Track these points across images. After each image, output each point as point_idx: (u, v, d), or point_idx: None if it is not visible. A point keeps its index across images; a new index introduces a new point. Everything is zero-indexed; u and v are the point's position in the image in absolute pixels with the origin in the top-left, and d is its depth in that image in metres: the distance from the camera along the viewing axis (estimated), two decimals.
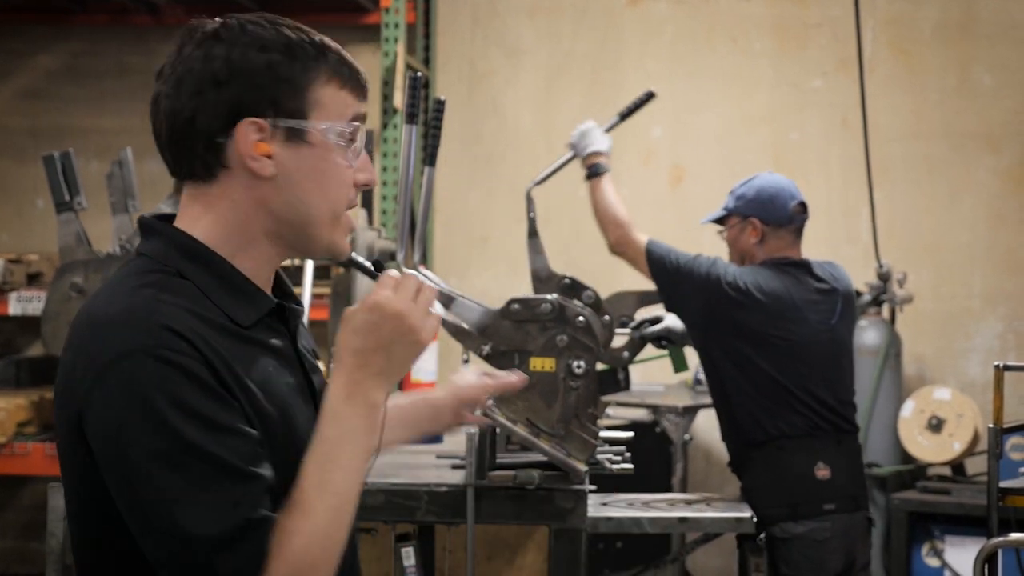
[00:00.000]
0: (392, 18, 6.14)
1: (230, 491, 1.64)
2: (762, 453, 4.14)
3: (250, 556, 1.63)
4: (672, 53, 6.86)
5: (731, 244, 4.36)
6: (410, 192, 3.71)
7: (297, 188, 1.79)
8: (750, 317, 4.11)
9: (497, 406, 3.36)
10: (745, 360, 4.12)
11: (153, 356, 1.65)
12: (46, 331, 4.46)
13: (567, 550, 3.38)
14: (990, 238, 6.57)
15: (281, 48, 1.78)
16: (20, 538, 6.84)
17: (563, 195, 6.86)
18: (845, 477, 4.14)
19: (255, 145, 1.76)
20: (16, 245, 6.81)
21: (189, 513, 1.62)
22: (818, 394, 4.15)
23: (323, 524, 1.69)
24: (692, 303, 4.17)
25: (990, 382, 4.08)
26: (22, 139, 7.05)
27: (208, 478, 1.63)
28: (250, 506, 1.64)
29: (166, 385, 1.64)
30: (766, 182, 4.35)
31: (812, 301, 4.21)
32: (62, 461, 1.78)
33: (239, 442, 1.67)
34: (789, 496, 4.08)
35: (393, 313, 1.74)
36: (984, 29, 6.60)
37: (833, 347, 4.26)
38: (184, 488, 1.62)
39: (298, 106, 1.78)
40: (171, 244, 1.79)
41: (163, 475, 1.62)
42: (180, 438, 1.63)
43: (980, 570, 3.65)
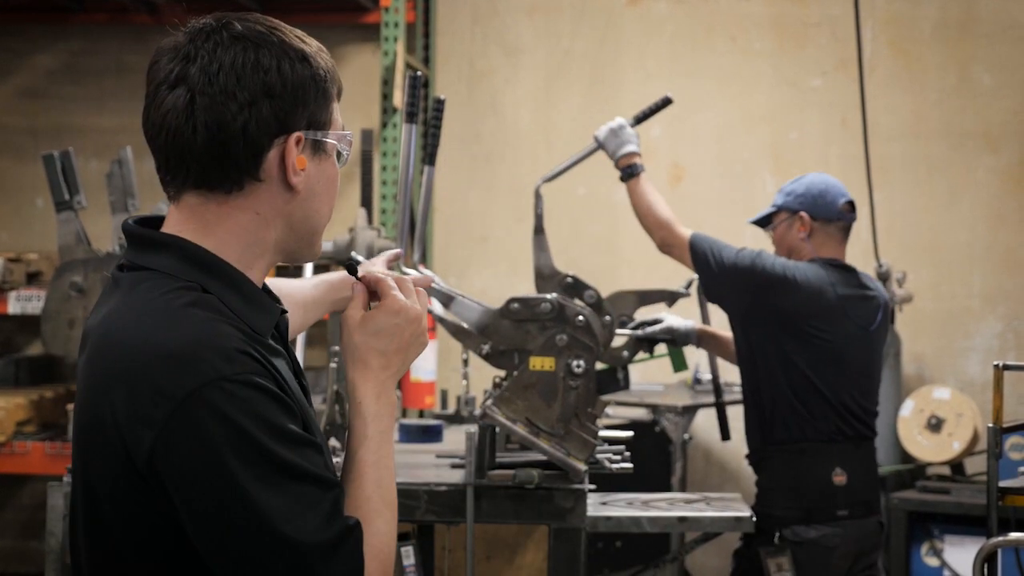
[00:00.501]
0: (392, 17, 6.14)
1: (326, 501, 1.69)
2: (783, 452, 4.13)
3: (351, 559, 1.70)
4: (671, 52, 6.86)
5: (778, 242, 4.33)
6: (410, 191, 3.72)
7: (316, 200, 1.81)
8: (792, 303, 4.09)
9: (497, 405, 3.36)
10: (784, 357, 4.11)
11: (235, 381, 1.63)
12: (45, 330, 4.47)
13: (566, 549, 3.38)
14: (989, 237, 6.58)
15: (314, 60, 1.77)
16: (19, 537, 6.83)
17: (563, 194, 6.86)
18: (861, 483, 4.14)
19: (299, 160, 1.76)
20: (16, 244, 6.81)
21: (298, 528, 1.65)
22: (847, 402, 4.14)
23: (387, 521, 1.79)
24: (736, 296, 4.16)
25: (989, 381, 4.08)
26: (22, 138, 7.05)
27: (307, 493, 1.67)
28: (341, 512, 1.71)
29: (252, 409, 1.64)
30: (816, 179, 4.35)
31: (854, 304, 4.19)
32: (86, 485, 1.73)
33: (315, 453, 1.71)
34: (805, 500, 4.08)
35: (414, 316, 1.85)
36: (984, 28, 6.60)
37: (868, 354, 4.24)
38: (288, 506, 1.64)
39: (326, 120, 1.80)
40: (186, 257, 1.75)
41: (265, 497, 1.63)
42: (278, 459, 1.64)
43: (979, 570, 3.65)
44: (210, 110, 1.71)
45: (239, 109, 1.71)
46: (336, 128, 1.82)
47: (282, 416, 1.67)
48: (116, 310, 1.74)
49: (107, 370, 1.69)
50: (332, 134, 1.81)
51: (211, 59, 1.72)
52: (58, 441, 5.41)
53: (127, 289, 1.75)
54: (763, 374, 4.15)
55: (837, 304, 4.15)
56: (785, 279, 4.11)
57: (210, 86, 1.71)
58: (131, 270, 1.78)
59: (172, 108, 1.73)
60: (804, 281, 4.13)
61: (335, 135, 1.81)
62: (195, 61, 1.73)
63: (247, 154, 1.73)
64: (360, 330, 1.82)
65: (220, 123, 1.71)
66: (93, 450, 1.70)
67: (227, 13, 1.80)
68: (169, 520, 1.66)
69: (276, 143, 1.74)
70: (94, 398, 1.69)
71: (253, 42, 1.73)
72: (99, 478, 1.70)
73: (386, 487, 1.80)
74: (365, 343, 1.82)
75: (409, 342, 1.85)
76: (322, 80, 1.77)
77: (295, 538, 1.64)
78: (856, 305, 4.20)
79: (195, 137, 1.72)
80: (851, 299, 4.19)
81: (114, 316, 1.73)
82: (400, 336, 1.84)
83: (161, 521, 1.66)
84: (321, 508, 1.67)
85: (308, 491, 1.66)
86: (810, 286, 4.13)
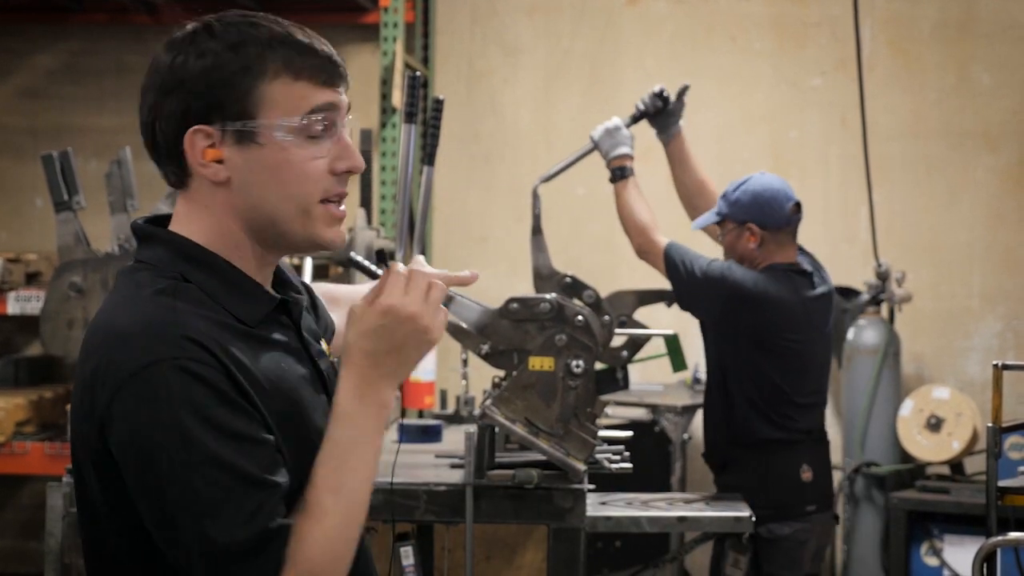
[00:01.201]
0: (391, 17, 6.14)
1: (250, 500, 1.65)
2: (750, 454, 4.18)
3: (266, 566, 1.66)
4: (671, 52, 6.86)
5: (728, 249, 4.33)
6: (409, 191, 3.72)
7: (255, 189, 1.78)
8: (764, 319, 4.13)
9: (496, 405, 3.36)
10: (753, 365, 4.15)
11: (175, 367, 1.65)
12: (45, 330, 4.47)
13: (566, 549, 3.38)
14: (989, 237, 6.58)
15: (222, 51, 1.76)
16: (19, 537, 6.83)
17: (563, 194, 6.86)
18: (823, 478, 4.24)
19: (203, 152, 1.76)
20: (15, 244, 6.81)
21: (212, 523, 1.64)
22: (813, 400, 4.23)
23: (336, 527, 1.71)
24: (706, 306, 4.20)
25: (989, 381, 4.08)
26: (21, 138, 7.04)
27: (229, 488, 1.64)
28: (268, 515, 1.66)
29: (188, 396, 1.65)
30: (760, 185, 4.30)
31: (813, 309, 4.23)
32: (78, 473, 1.79)
33: (258, 450, 1.68)
34: (776, 497, 4.13)
35: (407, 316, 1.75)
36: (983, 28, 6.60)
37: (826, 352, 4.35)
38: (208, 498, 1.64)
39: (244, 108, 1.76)
40: (172, 249, 1.80)
41: (188, 485, 1.64)
42: (202, 449, 1.64)
43: (979, 569, 3.65)
44: (142, 110, 1.81)
45: (148, 110, 1.80)
46: (284, 112, 1.77)
47: (218, 407, 1.66)
48: (105, 302, 1.82)
49: (83, 355, 1.77)
50: (262, 122, 1.76)
51: (155, 64, 1.81)
52: (57, 441, 5.41)
53: (121, 283, 1.82)
54: (732, 381, 4.20)
55: (803, 315, 4.19)
56: (755, 295, 4.13)
57: (147, 89, 1.81)
58: (132, 266, 1.84)
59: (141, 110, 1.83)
60: (776, 297, 4.15)
61: (270, 122, 1.76)
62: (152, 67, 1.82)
63: (166, 151, 1.79)
64: (354, 327, 1.78)
65: (144, 123, 1.81)
66: (75, 435, 1.77)
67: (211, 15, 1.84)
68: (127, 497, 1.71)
69: (186, 138, 1.77)
70: (76, 383, 1.78)
71: (169, 46, 1.81)
72: (82, 462, 1.77)
73: (345, 495, 1.72)
74: (355, 342, 1.76)
75: (403, 342, 1.75)
76: (231, 70, 1.76)
77: (209, 534, 1.63)
78: (816, 313, 4.24)
79: (144, 136, 1.83)
80: (813, 305, 4.22)
81: (101, 307, 1.81)
82: (390, 337, 1.75)
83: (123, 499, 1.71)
84: (243, 506, 1.65)
85: (233, 487, 1.64)
86: (781, 302, 4.15)
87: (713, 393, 4.27)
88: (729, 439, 4.21)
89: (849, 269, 6.49)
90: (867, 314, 6.19)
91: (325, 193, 1.81)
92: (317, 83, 1.80)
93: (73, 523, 3.47)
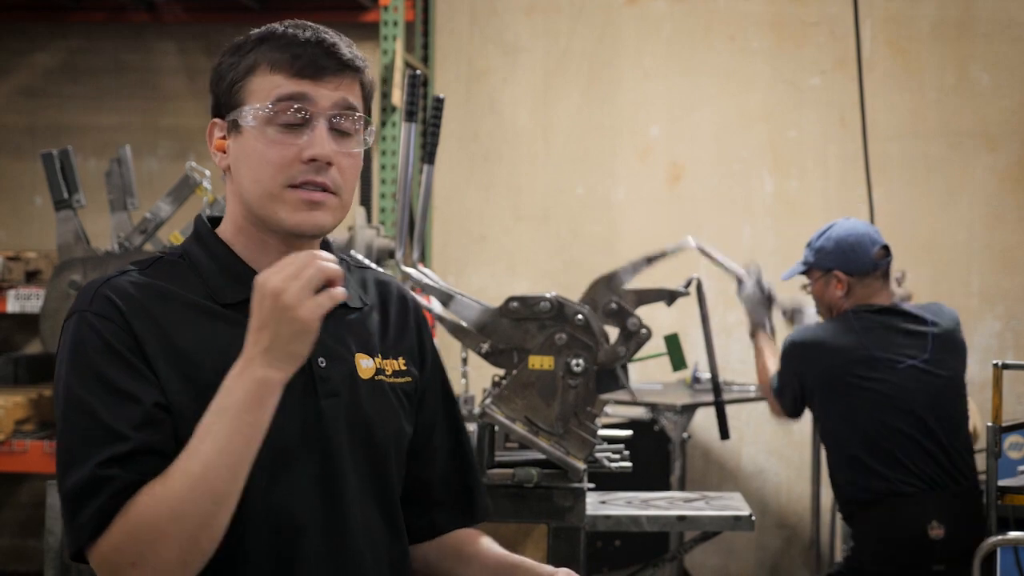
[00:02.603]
0: (391, 16, 6.14)
1: (99, 448, 1.77)
2: (869, 510, 4.07)
3: (93, 511, 1.75)
4: (670, 51, 6.86)
5: (818, 298, 4.31)
6: (409, 190, 3.71)
7: (239, 174, 1.94)
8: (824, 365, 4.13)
9: (496, 404, 3.36)
10: (838, 417, 4.12)
11: (82, 318, 1.85)
12: (44, 329, 4.46)
13: (565, 548, 3.38)
14: (988, 237, 6.58)
15: (228, 51, 1.97)
16: (18, 536, 6.83)
17: (562, 194, 6.86)
18: (962, 535, 3.97)
19: (216, 143, 1.98)
20: (14, 242, 6.80)
21: (64, 460, 1.79)
22: (924, 443, 4.05)
23: (177, 489, 1.74)
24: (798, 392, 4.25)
25: (988, 381, 4.08)
26: (20, 137, 7.04)
27: (85, 431, 1.78)
28: (106, 465, 1.76)
29: (79, 342, 1.83)
30: (845, 231, 4.26)
31: (890, 344, 4.13)
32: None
33: (128, 406, 1.79)
34: (897, 557, 3.98)
35: (270, 291, 1.77)
36: (982, 28, 6.61)
37: (931, 390, 4.12)
38: (67, 438, 1.80)
39: (236, 100, 1.93)
40: (194, 232, 2.01)
41: (61, 422, 1.82)
42: (73, 391, 1.81)
43: (979, 568, 3.65)
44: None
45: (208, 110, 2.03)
46: (255, 100, 1.92)
47: (100, 357, 1.82)
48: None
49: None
50: (246, 110, 1.92)
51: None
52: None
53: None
54: (830, 443, 4.15)
55: (867, 352, 4.11)
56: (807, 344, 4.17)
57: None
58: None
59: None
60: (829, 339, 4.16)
61: (249, 110, 1.92)
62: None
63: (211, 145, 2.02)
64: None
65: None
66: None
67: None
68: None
69: (207, 132, 2.00)
70: None
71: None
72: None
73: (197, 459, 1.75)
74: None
75: (270, 317, 1.76)
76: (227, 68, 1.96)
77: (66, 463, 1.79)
78: (900, 348, 4.13)
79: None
80: (891, 343, 4.13)
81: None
82: (259, 313, 1.78)
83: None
84: (91, 451, 1.77)
85: (88, 431, 1.78)
86: (835, 343, 4.15)
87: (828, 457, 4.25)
88: (846, 499, 4.17)
89: None
90: None
91: (291, 179, 1.90)
92: (288, 74, 1.91)
93: None
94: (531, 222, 6.88)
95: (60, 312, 4.35)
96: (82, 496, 1.75)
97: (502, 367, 3.49)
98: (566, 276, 6.60)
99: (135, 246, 4.40)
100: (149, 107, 6.85)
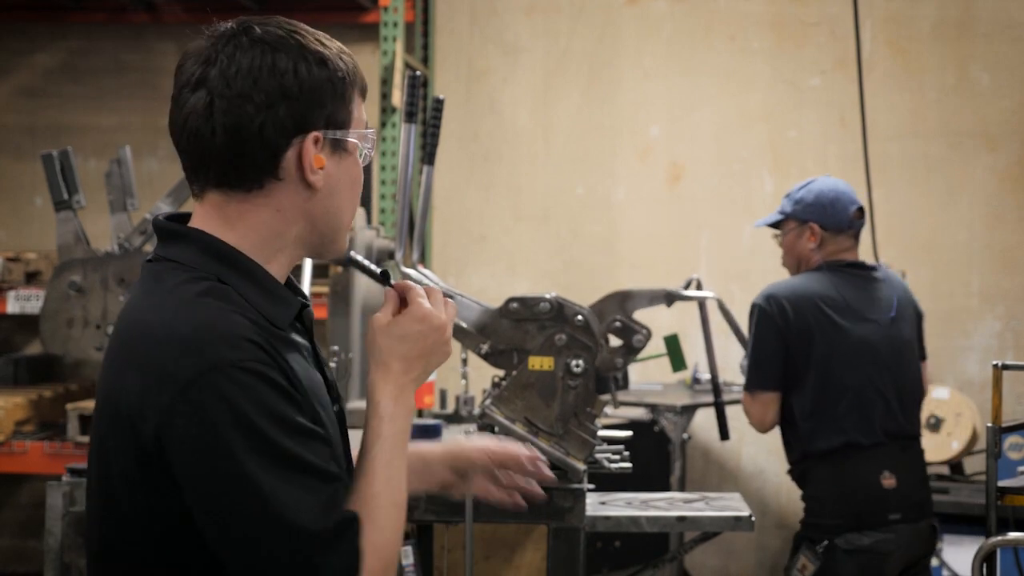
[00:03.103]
0: (391, 17, 6.14)
1: (323, 492, 1.71)
2: (824, 463, 4.12)
3: (348, 553, 1.72)
4: (670, 51, 6.86)
5: (788, 249, 4.33)
6: (409, 191, 3.72)
7: (337, 197, 1.86)
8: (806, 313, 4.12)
9: (495, 405, 3.36)
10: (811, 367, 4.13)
11: (239, 368, 1.68)
12: (44, 329, 4.47)
13: (565, 549, 3.38)
14: (988, 237, 6.58)
15: (333, 62, 1.83)
16: (18, 536, 6.83)
17: (563, 194, 6.86)
18: (911, 485, 4.11)
19: (316, 159, 1.82)
20: (14, 243, 6.80)
21: (294, 514, 1.68)
22: (885, 396, 4.14)
23: (396, 519, 1.80)
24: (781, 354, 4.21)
25: (988, 381, 4.08)
26: (20, 137, 7.04)
27: (304, 482, 1.69)
28: (340, 505, 1.73)
29: (255, 396, 1.68)
30: (825, 186, 4.30)
31: (863, 298, 4.20)
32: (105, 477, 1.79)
33: (319, 445, 1.74)
34: (854, 506, 4.05)
35: (438, 325, 1.88)
36: (982, 28, 6.61)
37: (895, 345, 4.22)
38: (287, 492, 1.68)
39: (344, 118, 1.85)
40: (205, 250, 1.81)
41: (266, 482, 1.67)
42: (275, 446, 1.68)
43: (978, 569, 3.65)
44: (228, 112, 1.78)
45: (256, 111, 1.77)
46: (358, 126, 1.87)
47: (285, 405, 1.70)
48: (137, 299, 1.83)
49: (122, 356, 1.77)
50: (353, 133, 1.85)
51: (230, 63, 1.78)
52: (56, 441, 5.41)
53: (150, 279, 1.83)
54: (793, 394, 4.16)
55: (844, 303, 4.15)
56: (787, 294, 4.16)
57: (228, 89, 1.78)
58: (156, 262, 1.84)
59: (193, 110, 1.80)
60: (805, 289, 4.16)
61: (356, 134, 1.86)
62: (215, 64, 1.79)
63: (265, 154, 1.79)
64: (385, 334, 1.86)
65: (238, 125, 1.78)
66: (109, 432, 1.76)
67: (250, 17, 1.85)
68: (174, 502, 1.71)
69: (294, 143, 1.80)
70: (111, 383, 1.77)
71: (271, 45, 1.79)
72: (113, 459, 1.76)
73: (395, 487, 1.80)
74: (388, 347, 1.86)
75: (431, 349, 1.88)
76: (340, 81, 1.83)
77: (295, 523, 1.67)
78: (872, 303, 4.20)
79: (214, 138, 1.79)
80: (866, 298, 4.19)
81: (134, 305, 1.82)
82: (423, 342, 1.87)
83: (166, 503, 1.72)
84: (319, 498, 1.70)
85: (307, 481, 1.70)
86: (816, 290, 4.15)
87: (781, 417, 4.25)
88: (802, 451, 4.18)
89: None
90: None
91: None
92: (363, 100, 1.91)
93: (73, 522, 3.47)
94: (531, 222, 6.88)
95: (59, 313, 4.35)
96: (333, 540, 1.71)
97: (502, 368, 3.49)
98: (566, 276, 6.60)
99: (135, 247, 4.41)
100: (149, 107, 6.85)
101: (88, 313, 4.34)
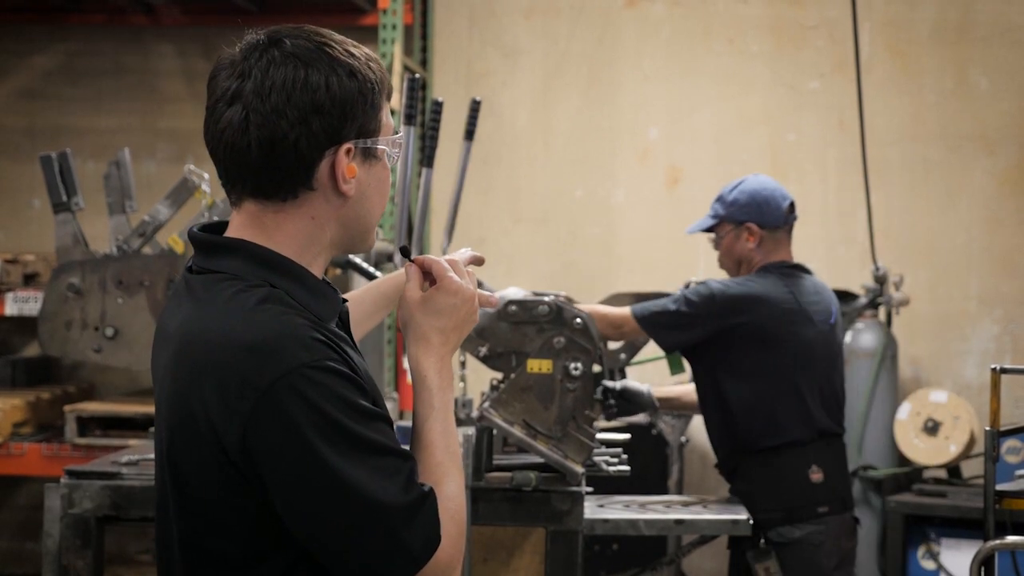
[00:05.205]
0: (389, 19, 6.14)
1: (401, 470, 1.81)
2: (757, 457, 4.14)
3: (430, 522, 1.83)
4: (669, 54, 6.86)
5: (726, 252, 4.31)
6: (408, 193, 3.72)
7: (368, 202, 1.93)
8: (761, 318, 4.10)
9: (494, 407, 3.36)
10: (756, 369, 4.12)
11: (315, 368, 1.78)
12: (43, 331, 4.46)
13: (563, 552, 3.38)
14: (986, 240, 6.58)
15: (362, 73, 1.88)
16: (16, 538, 6.83)
17: (561, 196, 6.87)
18: (836, 479, 4.18)
19: (348, 168, 1.89)
20: (13, 245, 6.80)
21: (380, 494, 1.78)
22: (823, 395, 4.18)
23: (459, 484, 1.92)
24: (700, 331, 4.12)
25: (986, 384, 4.09)
26: (18, 139, 7.04)
27: (385, 464, 1.80)
28: (416, 480, 1.83)
29: (332, 392, 1.78)
30: (758, 185, 4.31)
31: (812, 303, 4.21)
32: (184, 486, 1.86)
33: (388, 427, 1.84)
34: (784, 500, 4.09)
35: (469, 296, 1.98)
36: (981, 31, 6.61)
37: (831, 351, 4.27)
38: (371, 476, 1.78)
39: (375, 127, 1.91)
40: (252, 259, 1.89)
41: (350, 470, 1.77)
42: (356, 436, 1.78)
43: (976, 573, 3.65)
44: (263, 127, 1.84)
45: (290, 126, 1.84)
46: (387, 132, 1.93)
47: (357, 396, 1.80)
48: (195, 311, 1.88)
49: (194, 367, 1.83)
50: (382, 140, 1.92)
51: (263, 78, 1.84)
52: (54, 443, 5.41)
53: (202, 291, 1.89)
54: (731, 392, 4.15)
55: (799, 309, 4.16)
56: (748, 297, 4.11)
57: (263, 104, 1.84)
58: (200, 273, 1.91)
59: (229, 124, 1.86)
60: (767, 294, 4.14)
61: (385, 140, 1.92)
62: (249, 79, 1.85)
63: (299, 167, 1.87)
64: (421, 309, 1.97)
65: (273, 139, 1.84)
66: (184, 443, 1.84)
67: (280, 27, 1.90)
68: (259, 505, 1.80)
69: (327, 155, 1.87)
70: (184, 393, 1.84)
71: (303, 60, 1.85)
72: (191, 469, 1.84)
73: (453, 452, 1.92)
74: (427, 322, 1.96)
75: (464, 319, 1.97)
76: (369, 91, 1.88)
77: (382, 501, 1.77)
78: (815, 306, 4.21)
79: (250, 152, 1.85)
80: (810, 302, 4.20)
81: (195, 317, 1.87)
82: (457, 314, 1.96)
83: (251, 506, 1.81)
84: (399, 477, 1.80)
85: (387, 462, 1.80)
86: (774, 298, 4.14)
87: (711, 410, 4.23)
88: (733, 446, 4.19)
89: (847, 272, 6.50)
90: (864, 317, 6.19)
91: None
92: (389, 103, 1.96)
93: (71, 524, 3.47)
94: (530, 224, 6.87)
95: (58, 315, 4.35)
96: (415, 513, 1.81)
97: (500, 370, 3.49)
98: (565, 279, 6.59)
99: (133, 249, 4.40)
100: (148, 109, 6.85)
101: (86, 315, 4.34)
